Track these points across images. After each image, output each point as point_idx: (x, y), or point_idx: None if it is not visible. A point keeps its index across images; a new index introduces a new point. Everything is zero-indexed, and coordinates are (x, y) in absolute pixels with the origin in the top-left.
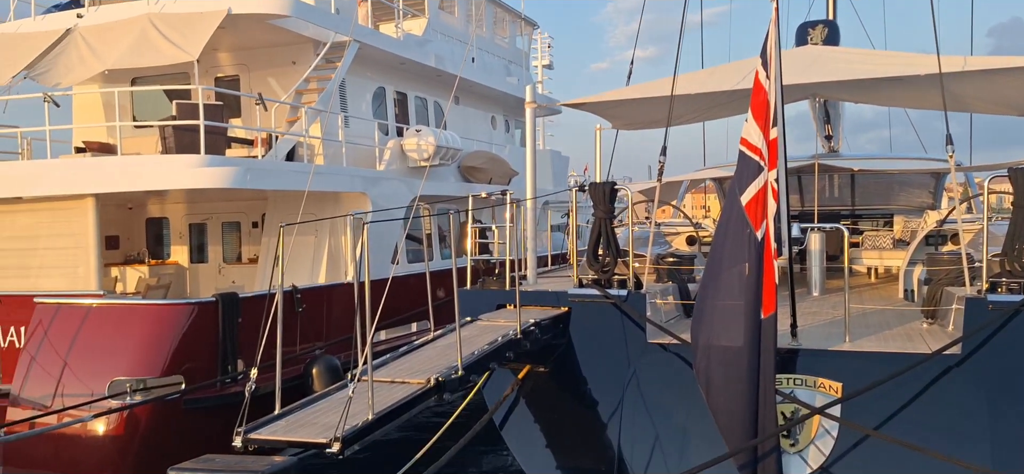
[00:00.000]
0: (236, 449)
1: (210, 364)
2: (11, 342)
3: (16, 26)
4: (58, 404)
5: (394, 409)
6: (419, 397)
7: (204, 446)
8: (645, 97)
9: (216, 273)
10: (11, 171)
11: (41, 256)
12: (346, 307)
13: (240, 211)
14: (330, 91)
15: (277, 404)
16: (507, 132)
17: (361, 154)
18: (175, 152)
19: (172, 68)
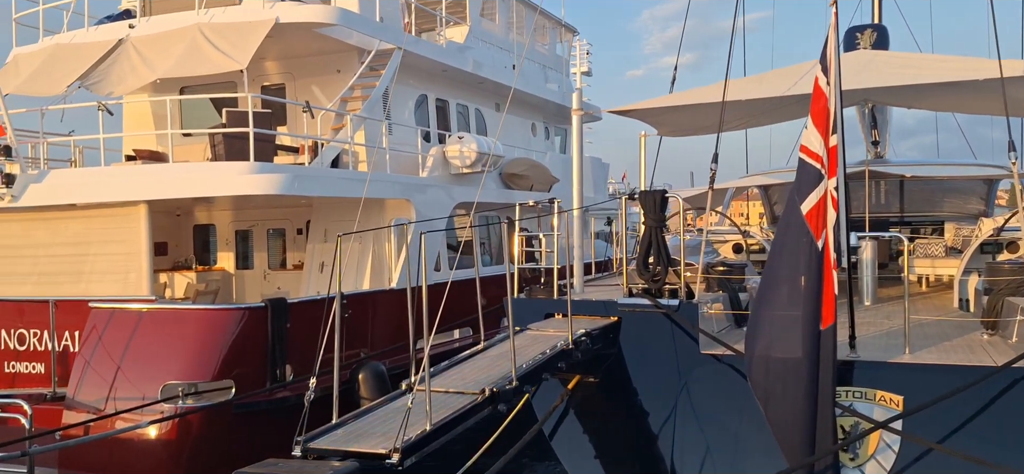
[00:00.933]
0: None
1: (259, 369)
2: (65, 346)
3: (70, 37)
4: (112, 407)
5: (451, 420)
6: (475, 408)
7: (254, 450)
8: (696, 103)
9: (261, 279)
10: (66, 178)
11: (94, 262)
12: (391, 314)
13: (285, 218)
14: (375, 99)
15: (335, 413)
16: (547, 139)
17: (404, 161)
18: (225, 159)
19: (219, 77)
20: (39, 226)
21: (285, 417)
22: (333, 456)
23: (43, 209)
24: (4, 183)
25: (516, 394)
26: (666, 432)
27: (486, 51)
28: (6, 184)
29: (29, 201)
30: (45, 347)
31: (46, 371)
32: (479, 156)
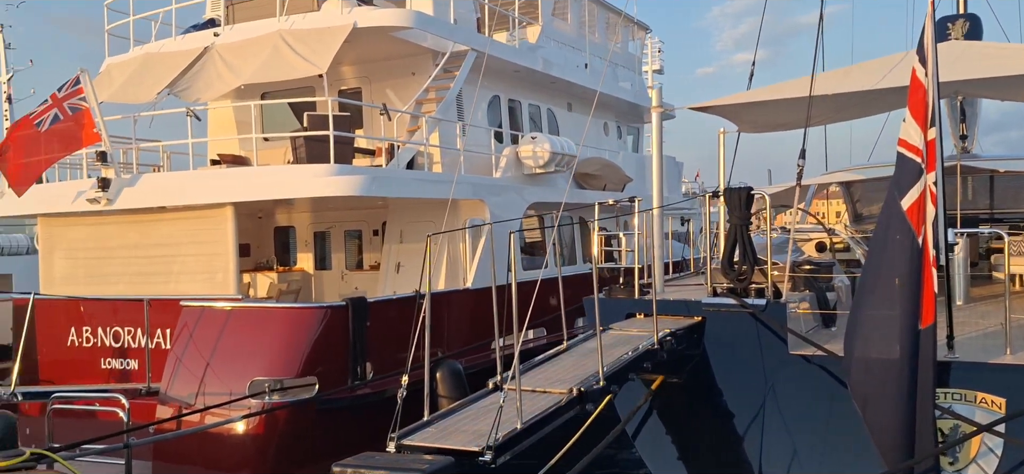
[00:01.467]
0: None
1: (341, 366)
2: (158, 343)
3: (159, 46)
4: (202, 402)
5: (541, 418)
6: (563, 407)
7: (336, 446)
8: (781, 98)
9: (339, 279)
10: (156, 182)
11: (183, 262)
12: (466, 314)
13: (362, 220)
14: (449, 100)
15: (426, 410)
16: (619, 138)
17: (477, 162)
18: (306, 162)
19: (298, 82)
20: (132, 228)
21: (365, 414)
22: (426, 452)
23: (135, 212)
24: (100, 187)
25: (603, 394)
26: (753, 433)
27: (558, 51)
28: (102, 188)
29: (123, 204)
30: (139, 344)
31: (140, 367)
32: (552, 156)
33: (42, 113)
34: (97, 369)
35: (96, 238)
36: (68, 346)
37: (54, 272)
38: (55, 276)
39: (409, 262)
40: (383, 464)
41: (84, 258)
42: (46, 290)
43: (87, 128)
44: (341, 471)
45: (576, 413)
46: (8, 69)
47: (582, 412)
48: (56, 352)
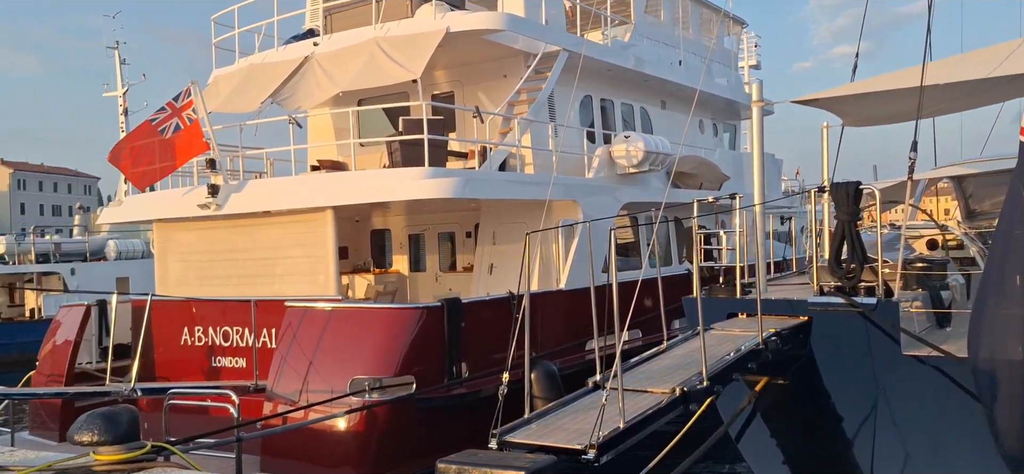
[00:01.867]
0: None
1: (437, 366)
2: (264, 342)
3: (262, 57)
4: (305, 399)
5: (644, 417)
6: (666, 407)
7: (433, 444)
8: (891, 89)
9: (433, 281)
10: (261, 188)
11: (286, 264)
12: (559, 314)
13: (455, 222)
14: (540, 101)
15: (527, 408)
16: (715, 136)
17: (569, 162)
18: (401, 166)
19: (393, 88)
20: (239, 232)
21: (461, 413)
22: (528, 450)
23: (242, 216)
24: (210, 193)
25: (706, 394)
26: (863, 437)
27: (651, 48)
28: (211, 194)
29: (231, 209)
30: (246, 343)
31: (247, 365)
32: (646, 155)
33: (164, 120)
34: (208, 367)
35: (206, 242)
36: (181, 345)
37: (168, 274)
38: (169, 278)
39: (502, 263)
40: (486, 461)
41: (195, 261)
42: (161, 291)
43: (197, 137)
44: (446, 468)
45: (678, 413)
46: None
47: (684, 412)
48: (170, 350)
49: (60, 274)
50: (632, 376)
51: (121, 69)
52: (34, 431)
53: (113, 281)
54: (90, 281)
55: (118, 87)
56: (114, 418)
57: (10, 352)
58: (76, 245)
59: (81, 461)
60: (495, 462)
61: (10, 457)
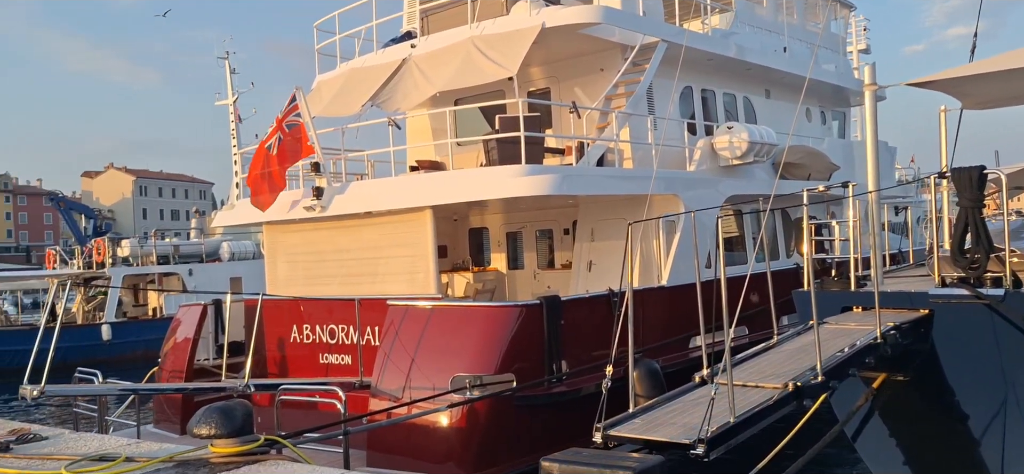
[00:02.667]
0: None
1: (537, 363)
2: (368, 340)
3: (362, 61)
4: (408, 396)
5: (755, 413)
6: (778, 402)
7: (533, 441)
8: (1015, 68)
9: (531, 279)
10: (363, 189)
11: (387, 264)
12: (661, 311)
13: (552, 219)
14: (639, 95)
15: (631, 402)
16: (823, 124)
17: (669, 156)
18: (498, 164)
19: (489, 87)
20: (343, 233)
21: (561, 411)
22: (632, 444)
23: (345, 217)
24: (315, 196)
25: (821, 389)
26: (992, 436)
27: (753, 35)
28: (316, 196)
29: (334, 210)
30: (351, 340)
31: (352, 362)
32: (750, 146)
33: (269, 137)
34: (315, 363)
35: (312, 243)
36: (291, 342)
37: (277, 275)
38: (279, 278)
39: (601, 260)
40: (591, 460)
41: (302, 261)
42: (271, 291)
43: (303, 141)
44: (550, 466)
45: (791, 410)
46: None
47: (797, 409)
48: (280, 348)
49: (179, 275)
50: (742, 371)
51: (231, 78)
52: (158, 424)
53: (227, 281)
54: (206, 281)
55: (229, 95)
56: (230, 412)
57: (136, 349)
58: (193, 247)
59: (199, 453)
60: (600, 461)
61: (136, 449)
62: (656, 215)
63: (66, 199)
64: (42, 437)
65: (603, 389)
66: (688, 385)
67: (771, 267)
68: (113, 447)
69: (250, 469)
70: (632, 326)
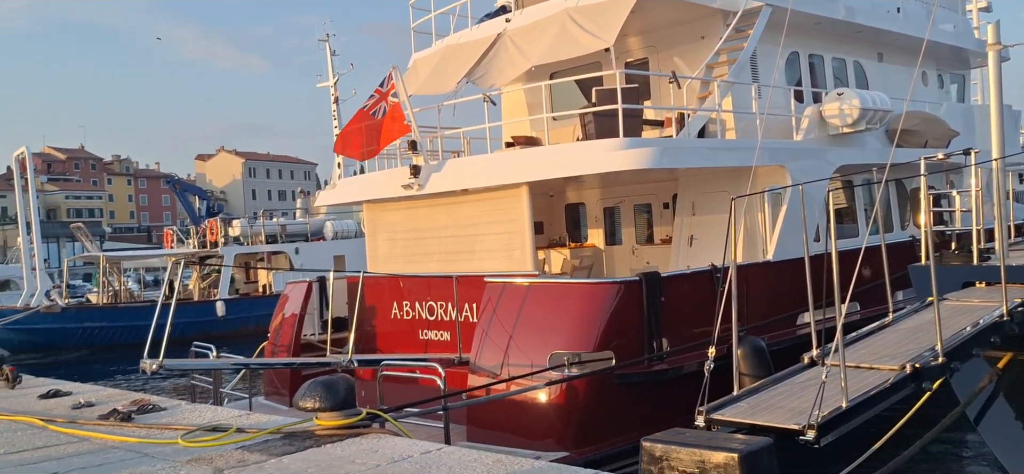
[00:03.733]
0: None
1: (636, 341)
2: (466, 317)
3: (457, 38)
4: (506, 372)
5: (869, 397)
6: (895, 385)
7: (632, 420)
8: None
9: (630, 254)
10: (460, 167)
11: (484, 241)
12: (766, 287)
13: (651, 193)
14: (742, 62)
15: (735, 384)
16: (940, 88)
17: (774, 126)
18: (595, 137)
19: (584, 59)
20: (440, 210)
21: (661, 389)
22: (737, 428)
23: (442, 195)
24: (412, 174)
25: (941, 371)
26: None
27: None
28: (414, 174)
29: (431, 188)
30: (449, 317)
31: (450, 338)
32: (862, 113)
33: (374, 104)
34: (415, 339)
35: (410, 220)
36: (391, 318)
37: (378, 252)
38: (379, 256)
39: (702, 235)
40: (695, 441)
41: (401, 239)
42: (372, 268)
43: (399, 120)
44: (652, 446)
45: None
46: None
47: (915, 391)
48: (381, 324)
49: (286, 253)
50: (854, 352)
51: (331, 61)
52: (269, 396)
53: (330, 259)
54: (311, 259)
55: (329, 77)
56: (334, 387)
57: (248, 324)
58: (299, 226)
59: (305, 425)
60: (704, 442)
61: (246, 420)
62: (761, 187)
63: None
64: (161, 408)
65: (705, 371)
66: (796, 366)
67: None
68: (225, 419)
69: (353, 442)
70: (735, 303)
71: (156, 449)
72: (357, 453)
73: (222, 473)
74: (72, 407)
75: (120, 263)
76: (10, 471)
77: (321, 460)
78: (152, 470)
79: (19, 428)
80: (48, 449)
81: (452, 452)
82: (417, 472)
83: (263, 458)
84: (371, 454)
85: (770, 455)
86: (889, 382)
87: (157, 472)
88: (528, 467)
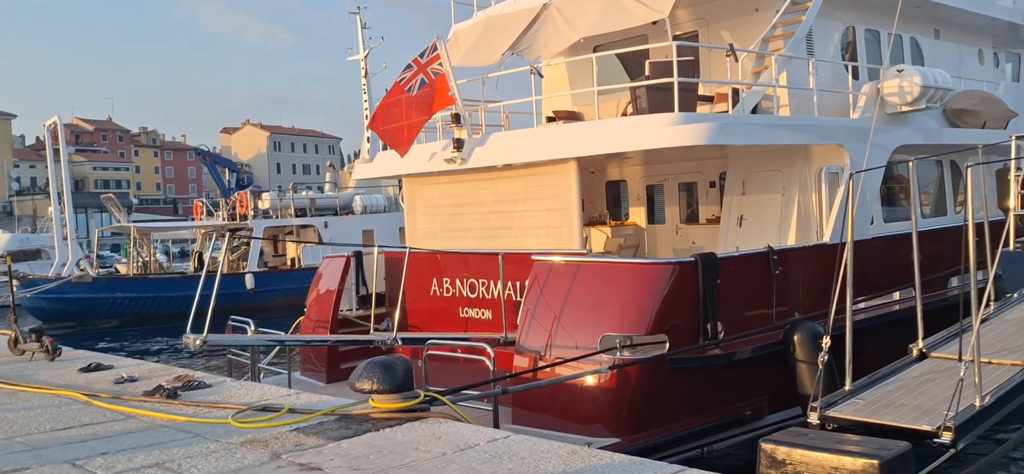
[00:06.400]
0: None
1: (690, 325)
2: (509, 295)
3: (501, 8)
4: (553, 354)
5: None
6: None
7: (686, 406)
8: None
9: (673, 234)
10: (504, 141)
11: (527, 217)
12: (822, 271)
13: (697, 171)
14: (799, 37)
15: (847, 379)
16: (997, 67)
17: (831, 103)
18: (648, 112)
19: (628, 34)
20: (481, 185)
21: (717, 375)
22: (856, 428)
23: (485, 170)
24: (455, 147)
25: None
26: None
27: None
28: (457, 148)
29: (475, 163)
30: (491, 295)
31: (493, 317)
32: (923, 91)
33: (410, 79)
34: (455, 317)
35: (451, 195)
36: (430, 295)
37: (416, 227)
38: (417, 231)
39: (753, 215)
40: (820, 442)
41: (440, 214)
42: (410, 243)
43: (442, 92)
44: (772, 448)
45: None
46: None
47: None
48: (420, 300)
49: (315, 227)
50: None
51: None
52: (305, 372)
53: (360, 234)
54: (340, 233)
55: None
56: (391, 368)
57: (277, 297)
58: (328, 200)
59: (361, 407)
60: (833, 445)
61: (297, 400)
62: (815, 167)
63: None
64: (206, 384)
65: (819, 363)
66: (905, 359)
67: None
68: (275, 398)
69: (412, 426)
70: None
71: (207, 428)
72: (419, 439)
73: (279, 457)
74: (115, 382)
75: (150, 234)
76: (58, 450)
77: (382, 445)
78: (207, 451)
79: (62, 403)
80: (94, 426)
81: (521, 441)
82: (486, 461)
83: (320, 442)
84: (434, 441)
85: (908, 461)
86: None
87: (212, 453)
88: (607, 461)
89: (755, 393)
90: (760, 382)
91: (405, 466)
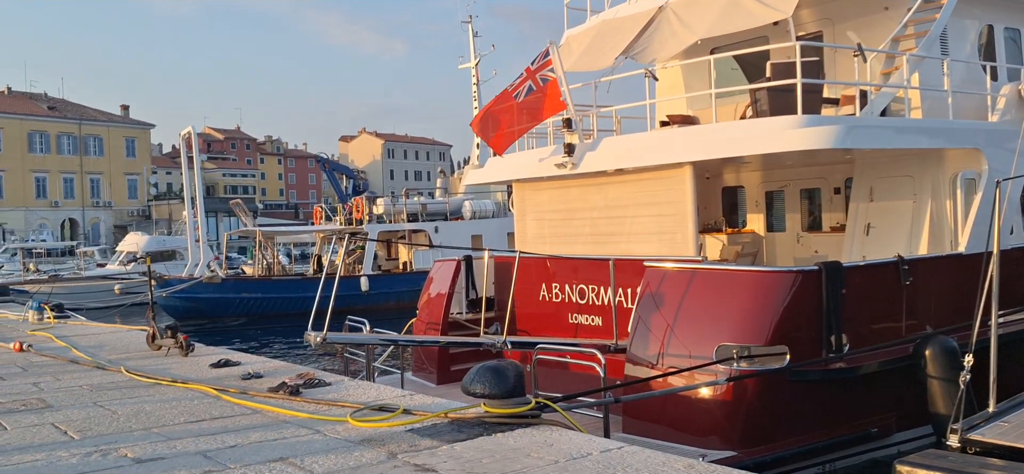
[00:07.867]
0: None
1: (813, 336)
2: (619, 302)
3: (614, 12)
4: (666, 363)
5: None
6: None
7: (807, 422)
8: None
9: (794, 242)
10: (616, 145)
11: (639, 223)
12: (956, 283)
13: (820, 177)
14: (933, 35)
15: (991, 400)
16: None
17: (967, 105)
18: (769, 115)
19: (746, 35)
20: (591, 190)
21: (840, 389)
22: (1003, 453)
23: (595, 174)
24: (566, 152)
25: None
26: None
27: None
28: (568, 153)
29: (585, 168)
30: (601, 301)
31: (602, 323)
32: None
33: (519, 85)
34: (564, 323)
35: (561, 200)
36: (539, 300)
37: (526, 232)
38: (527, 236)
39: (881, 223)
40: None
41: (550, 219)
42: (519, 248)
43: (553, 97)
44: (909, 470)
45: None
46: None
47: None
48: (530, 305)
49: (426, 232)
50: None
51: (474, 42)
52: (417, 373)
53: (469, 238)
54: (450, 238)
55: (471, 58)
56: (503, 373)
57: (389, 300)
58: (439, 206)
59: (473, 411)
60: (974, 470)
61: (412, 401)
62: (949, 173)
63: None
64: (326, 382)
65: (961, 383)
66: None
67: None
68: (390, 399)
69: (524, 433)
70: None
71: (327, 426)
72: (531, 446)
73: (395, 457)
74: (242, 377)
75: (274, 237)
76: (191, 441)
77: (494, 450)
78: (327, 447)
79: (195, 396)
80: (224, 420)
81: (635, 452)
82: (599, 472)
83: (434, 444)
84: (546, 448)
85: None
86: None
87: (332, 450)
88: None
89: (881, 410)
90: (887, 398)
91: (517, 472)
